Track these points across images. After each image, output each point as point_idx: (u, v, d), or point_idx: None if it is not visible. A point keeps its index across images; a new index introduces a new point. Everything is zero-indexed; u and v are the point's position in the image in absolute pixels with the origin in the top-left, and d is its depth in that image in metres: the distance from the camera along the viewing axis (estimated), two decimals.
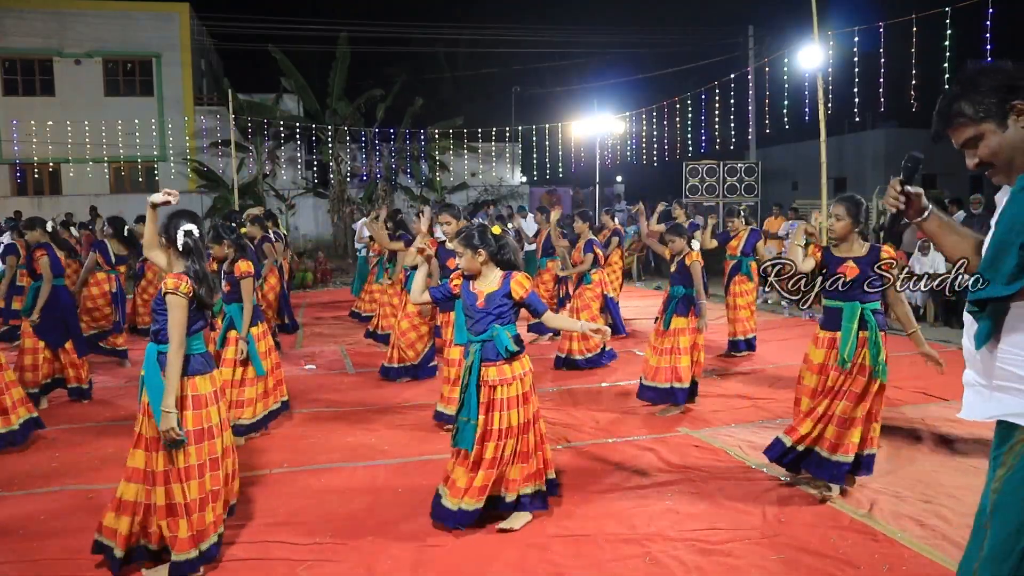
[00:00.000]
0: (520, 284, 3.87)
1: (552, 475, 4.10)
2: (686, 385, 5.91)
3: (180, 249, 3.46)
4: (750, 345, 8.35)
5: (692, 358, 5.93)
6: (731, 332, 8.39)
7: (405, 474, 4.79)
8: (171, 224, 3.50)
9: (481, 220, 15.66)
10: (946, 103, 2.03)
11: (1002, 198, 1.99)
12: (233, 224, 6.18)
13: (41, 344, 6.45)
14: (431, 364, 7.27)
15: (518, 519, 3.89)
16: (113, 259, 8.31)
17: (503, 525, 3.85)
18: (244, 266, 5.35)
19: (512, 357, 3.81)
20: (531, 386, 3.90)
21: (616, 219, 12.39)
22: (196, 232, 3.49)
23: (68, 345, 6.59)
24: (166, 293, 3.34)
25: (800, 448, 4.29)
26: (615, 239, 10.80)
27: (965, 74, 2.02)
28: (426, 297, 4.14)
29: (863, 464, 4.26)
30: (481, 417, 3.78)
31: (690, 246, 6.04)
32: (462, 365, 5.41)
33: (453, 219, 6.08)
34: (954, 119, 2.01)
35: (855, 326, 4.16)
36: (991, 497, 1.95)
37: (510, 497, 3.89)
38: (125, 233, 8.36)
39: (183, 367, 3.33)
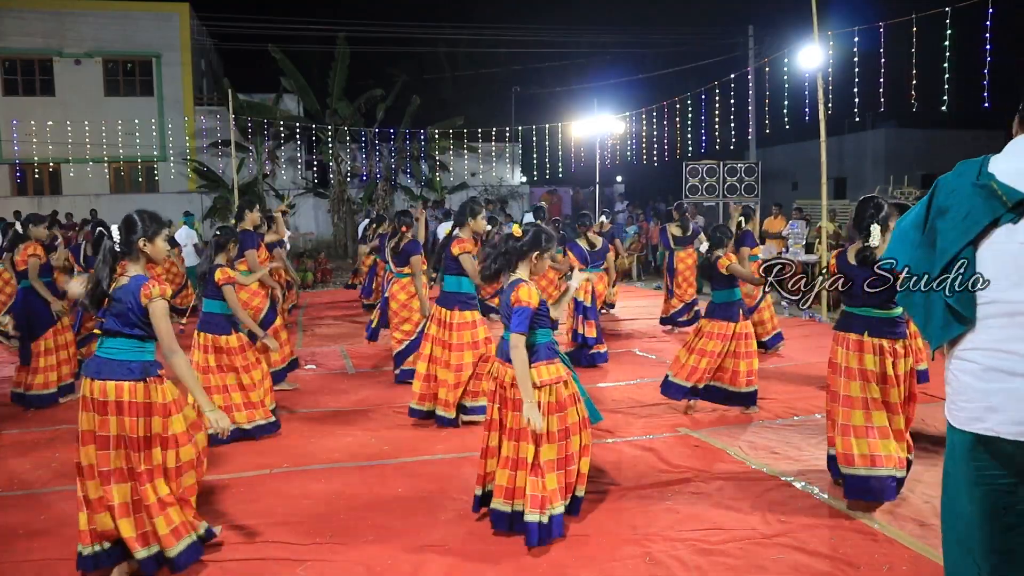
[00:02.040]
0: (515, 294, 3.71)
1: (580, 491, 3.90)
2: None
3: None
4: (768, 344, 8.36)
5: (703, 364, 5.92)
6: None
7: (405, 474, 4.80)
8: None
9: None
10: None
11: None
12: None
13: (51, 344, 6.50)
14: (398, 369, 7.14)
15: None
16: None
17: None
18: (219, 274, 5.42)
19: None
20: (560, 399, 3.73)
21: (617, 219, 12.44)
22: (114, 235, 3.45)
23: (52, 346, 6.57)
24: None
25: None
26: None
27: None
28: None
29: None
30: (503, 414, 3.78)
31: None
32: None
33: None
34: None
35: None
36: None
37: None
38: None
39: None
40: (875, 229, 4.08)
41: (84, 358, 7.89)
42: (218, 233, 5.73)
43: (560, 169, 22.71)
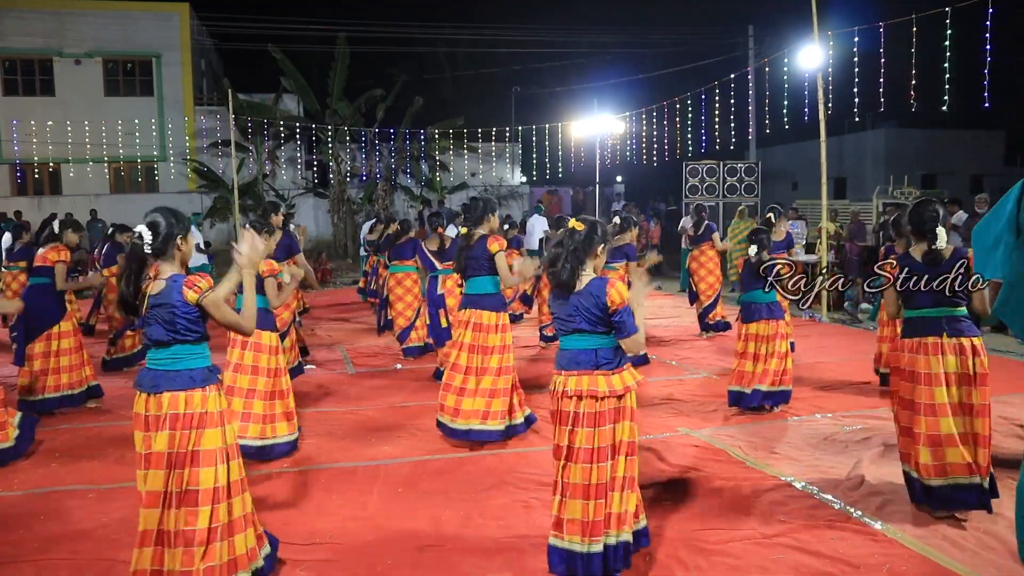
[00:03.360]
0: None
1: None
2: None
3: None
4: None
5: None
6: None
7: (405, 474, 4.79)
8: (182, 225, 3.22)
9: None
10: None
11: None
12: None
13: (45, 348, 6.33)
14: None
15: None
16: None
17: None
18: (266, 266, 5.18)
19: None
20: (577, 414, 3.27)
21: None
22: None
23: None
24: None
25: None
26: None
27: None
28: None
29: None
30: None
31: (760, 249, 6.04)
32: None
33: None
34: None
35: None
36: None
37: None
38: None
39: None
40: (941, 231, 4.01)
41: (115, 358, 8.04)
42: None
43: (560, 169, 22.70)
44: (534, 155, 25.52)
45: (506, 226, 14.16)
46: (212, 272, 13.11)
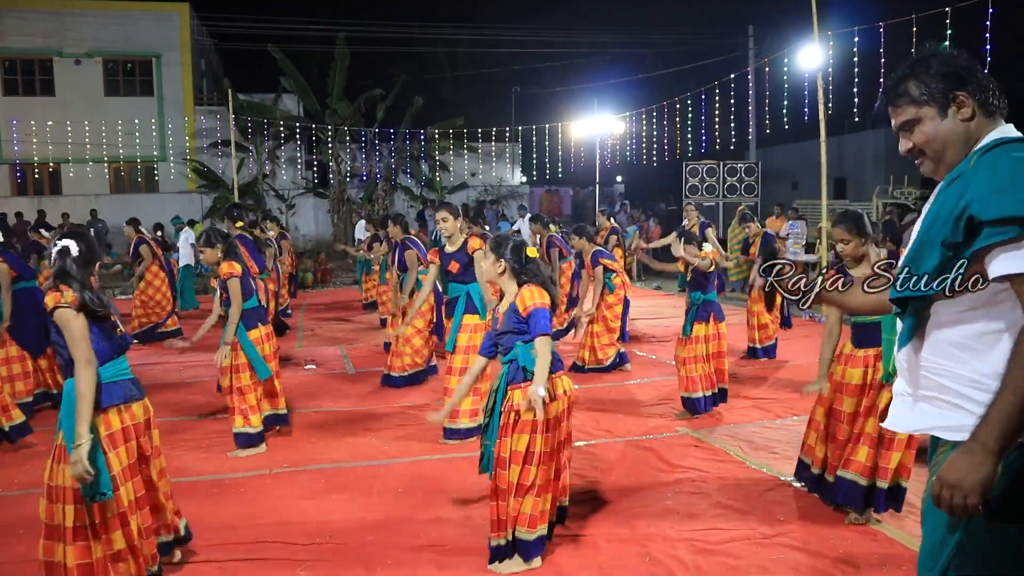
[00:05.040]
0: (522, 298, 3.49)
1: (565, 501, 3.80)
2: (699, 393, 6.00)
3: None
4: (768, 353, 8.17)
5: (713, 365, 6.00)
6: (750, 338, 8.24)
7: (405, 475, 4.80)
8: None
9: (489, 219, 15.74)
10: (894, 80, 1.99)
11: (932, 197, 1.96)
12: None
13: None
14: (431, 364, 7.30)
15: (511, 564, 3.48)
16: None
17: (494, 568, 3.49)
18: (226, 267, 5.16)
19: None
20: (563, 411, 3.54)
21: (615, 219, 12.44)
22: (74, 249, 3.09)
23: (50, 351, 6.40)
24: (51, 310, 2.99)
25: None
26: (613, 237, 10.79)
27: (919, 56, 1.98)
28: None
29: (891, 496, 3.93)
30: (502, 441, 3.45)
31: (700, 248, 6.06)
32: (464, 373, 5.48)
33: (451, 216, 5.83)
34: (898, 98, 1.96)
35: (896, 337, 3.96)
36: (922, 506, 1.93)
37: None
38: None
39: (102, 397, 3.03)
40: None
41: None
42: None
43: (560, 169, 22.71)
44: (534, 155, 25.53)
45: (516, 224, 14.09)
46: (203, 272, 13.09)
